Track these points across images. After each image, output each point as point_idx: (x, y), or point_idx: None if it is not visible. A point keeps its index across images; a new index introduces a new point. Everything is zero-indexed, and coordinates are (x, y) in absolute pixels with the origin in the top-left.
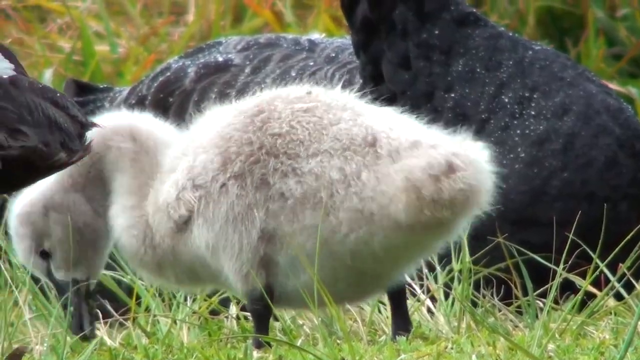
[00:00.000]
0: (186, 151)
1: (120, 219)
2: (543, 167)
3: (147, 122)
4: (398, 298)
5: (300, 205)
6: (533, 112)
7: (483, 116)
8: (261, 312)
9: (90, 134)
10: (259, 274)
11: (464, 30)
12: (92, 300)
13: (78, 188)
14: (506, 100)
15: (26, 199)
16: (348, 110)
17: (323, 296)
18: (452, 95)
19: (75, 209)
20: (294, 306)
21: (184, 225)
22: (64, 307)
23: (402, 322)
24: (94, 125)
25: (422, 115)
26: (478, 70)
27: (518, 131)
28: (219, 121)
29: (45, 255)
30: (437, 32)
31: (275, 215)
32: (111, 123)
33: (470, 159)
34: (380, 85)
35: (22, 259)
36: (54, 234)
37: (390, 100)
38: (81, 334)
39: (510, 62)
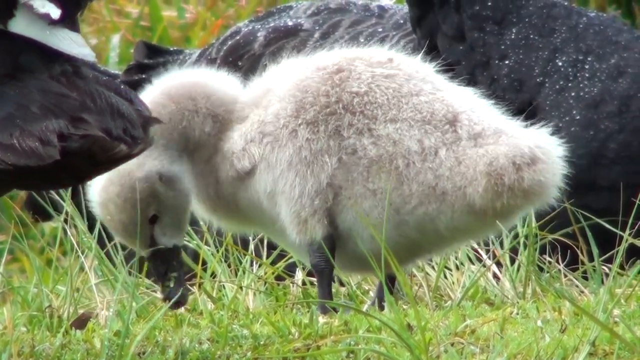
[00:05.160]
0: (257, 102)
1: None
2: (599, 129)
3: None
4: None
5: (376, 167)
6: (587, 75)
7: (538, 80)
8: (323, 267)
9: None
10: (320, 222)
11: (517, 0)
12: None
13: (183, 157)
14: (560, 63)
15: (134, 166)
16: (428, 83)
17: (390, 260)
18: (507, 62)
19: (184, 177)
20: (355, 269)
21: (245, 175)
22: (162, 275)
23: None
24: (156, 121)
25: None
26: (532, 36)
27: (573, 94)
28: (295, 74)
29: (152, 220)
30: (489, 3)
31: (348, 171)
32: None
33: (550, 153)
34: (435, 58)
35: (121, 223)
36: (167, 200)
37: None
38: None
39: (564, 28)
